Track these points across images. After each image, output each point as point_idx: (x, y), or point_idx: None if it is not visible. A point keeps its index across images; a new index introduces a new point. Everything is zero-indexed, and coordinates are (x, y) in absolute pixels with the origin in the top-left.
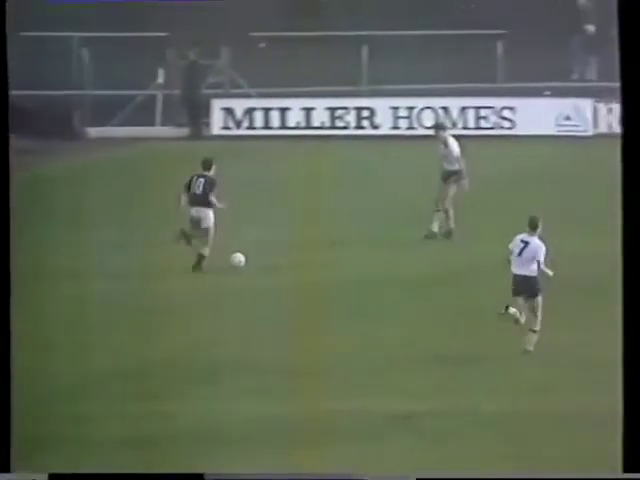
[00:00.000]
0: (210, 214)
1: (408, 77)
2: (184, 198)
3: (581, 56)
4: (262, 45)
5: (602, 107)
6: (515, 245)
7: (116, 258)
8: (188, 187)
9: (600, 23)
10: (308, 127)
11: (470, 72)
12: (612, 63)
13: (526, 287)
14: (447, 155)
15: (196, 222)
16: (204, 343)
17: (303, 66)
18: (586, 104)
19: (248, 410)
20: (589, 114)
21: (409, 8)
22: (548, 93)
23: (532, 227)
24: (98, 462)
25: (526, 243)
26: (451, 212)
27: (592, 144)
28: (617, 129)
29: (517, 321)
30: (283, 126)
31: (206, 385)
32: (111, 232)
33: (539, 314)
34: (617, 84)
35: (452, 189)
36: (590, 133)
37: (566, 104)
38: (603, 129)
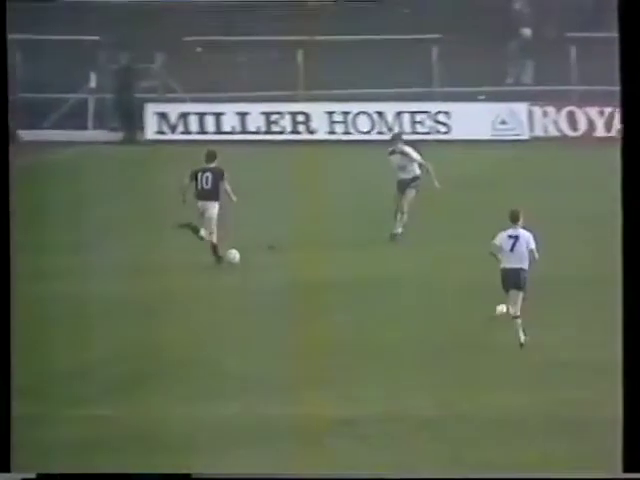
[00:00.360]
0: (216, 205)
1: (344, 82)
2: (187, 194)
3: (516, 60)
4: (199, 50)
5: (537, 110)
6: (503, 242)
7: (37, 260)
8: (195, 183)
9: (536, 26)
10: (243, 132)
11: (406, 77)
12: (547, 66)
13: (517, 280)
14: (405, 164)
15: (202, 214)
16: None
17: (238, 71)
18: (521, 108)
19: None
20: (524, 118)
21: (344, 12)
22: (482, 97)
23: (514, 220)
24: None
25: (515, 237)
26: (405, 217)
27: (528, 147)
28: (553, 132)
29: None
30: (218, 131)
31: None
32: (36, 235)
33: (519, 304)
34: (554, 87)
35: (411, 194)
36: (526, 137)
37: (502, 108)
38: (539, 132)
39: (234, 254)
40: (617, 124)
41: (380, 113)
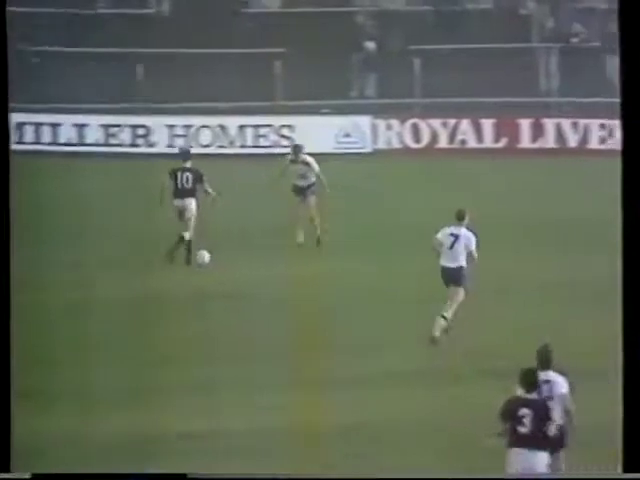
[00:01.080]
0: (194, 204)
1: (186, 95)
2: (167, 192)
3: (360, 73)
4: (36, 60)
5: (381, 123)
6: (444, 238)
7: None
8: (175, 182)
9: (379, 39)
10: (81, 144)
11: (249, 90)
12: (391, 79)
13: (455, 277)
14: (306, 172)
15: (181, 212)
16: None
17: (77, 82)
18: (365, 121)
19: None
20: (368, 131)
21: (185, 26)
22: (326, 111)
23: (460, 219)
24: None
25: (456, 236)
26: (317, 220)
27: (371, 160)
28: (396, 144)
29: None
30: (54, 142)
31: None
32: None
33: (455, 305)
34: (397, 100)
35: (312, 200)
36: (369, 150)
37: (345, 121)
38: (382, 145)
39: (203, 256)
40: (460, 135)
41: (223, 127)
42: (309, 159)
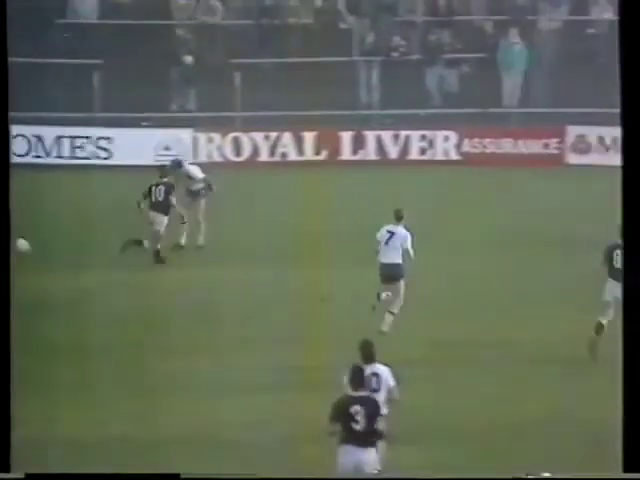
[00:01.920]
0: (165, 220)
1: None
2: (144, 205)
3: (180, 86)
4: None
5: (202, 137)
6: (382, 235)
7: None
8: (149, 195)
9: (200, 53)
10: None
11: (67, 101)
12: (212, 93)
13: (392, 274)
14: (191, 182)
15: (151, 223)
16: None
17: None
18: (186, 134)
19: None
20: (189, 144)
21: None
22: (146, 124)
23: (398, 218)
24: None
25: (392, 233)
26: (203, 226)
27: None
28: (217, 158)
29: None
30: None
31: None
32: None
33: (400, 299)
34: (218, 113)
35: (202, 202)
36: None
37: (166, 134)
38: (203, 158)
39: (22, 244)
40: (281, 148)
41: (38, 137)
42: (191, 170)
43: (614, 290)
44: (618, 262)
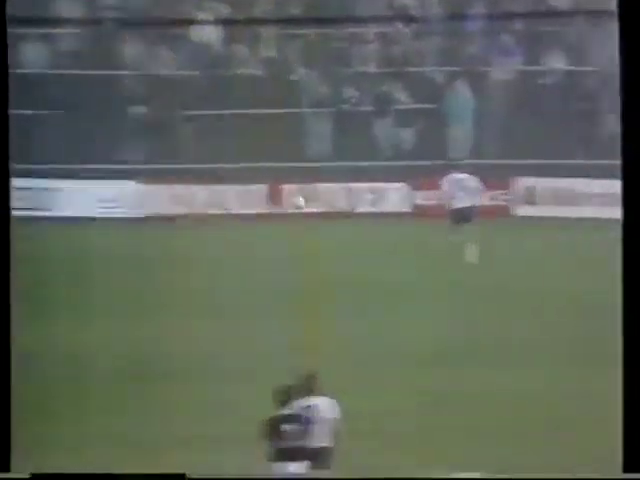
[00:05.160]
0: None
1: None
2: None
3: (128, 138)
4: None
5: (146, 188)
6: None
7: None
8: None
9: (148, 103)
10: None
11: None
12: (161, 144)
13: None
14: None
15: None
16: None
17: None
18: (130, 186)
19: None
20: (133, 196)
21: None
22: (87, 175)
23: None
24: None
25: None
26: None
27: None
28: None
29: None
30: None
31: None
32: None
33: None
34: (165, 165)
35: None
36: (135, 215)
37: (109, 186)
38: (146, 211)
39: None
40: (226, 201)
41: None
42: None
43: None
44: None
